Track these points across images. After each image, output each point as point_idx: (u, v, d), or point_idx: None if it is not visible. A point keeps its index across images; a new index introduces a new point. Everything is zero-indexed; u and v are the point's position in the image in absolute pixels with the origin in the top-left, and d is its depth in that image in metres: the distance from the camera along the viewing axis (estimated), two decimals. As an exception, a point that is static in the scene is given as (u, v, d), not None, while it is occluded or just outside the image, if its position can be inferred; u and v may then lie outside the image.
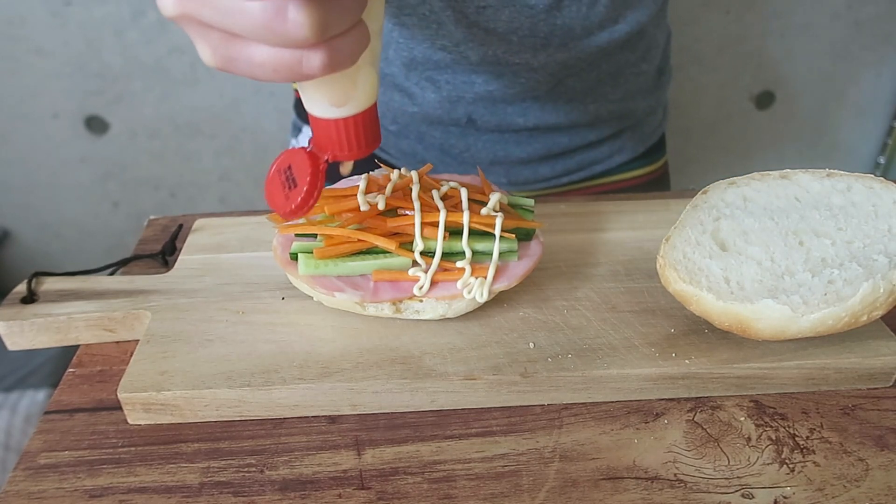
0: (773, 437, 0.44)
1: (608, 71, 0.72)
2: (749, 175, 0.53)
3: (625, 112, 0.77)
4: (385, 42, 0.67)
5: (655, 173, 0.86)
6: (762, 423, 0.45)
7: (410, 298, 0.47)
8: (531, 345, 0.47)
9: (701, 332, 0.48)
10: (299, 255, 0.48)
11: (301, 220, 0.49)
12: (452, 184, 0.50)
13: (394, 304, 0.48)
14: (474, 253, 0.48)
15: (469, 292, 0.47)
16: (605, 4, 0.65)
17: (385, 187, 0.49)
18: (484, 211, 0.49)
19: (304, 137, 0.85)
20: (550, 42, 0.66)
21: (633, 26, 0.68)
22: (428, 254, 0.47)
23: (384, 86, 0.72)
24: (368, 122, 0.39)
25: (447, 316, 0.48)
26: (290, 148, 0.42)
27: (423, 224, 0.47)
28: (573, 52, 0.67)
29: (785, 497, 0.40)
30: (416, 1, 0.63)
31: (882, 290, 0.42)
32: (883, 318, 0.45)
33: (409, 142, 0.78)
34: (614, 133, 0.79)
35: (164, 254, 0.59)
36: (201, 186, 1.52)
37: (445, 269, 0.48)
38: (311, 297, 0.50)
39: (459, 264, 0.47)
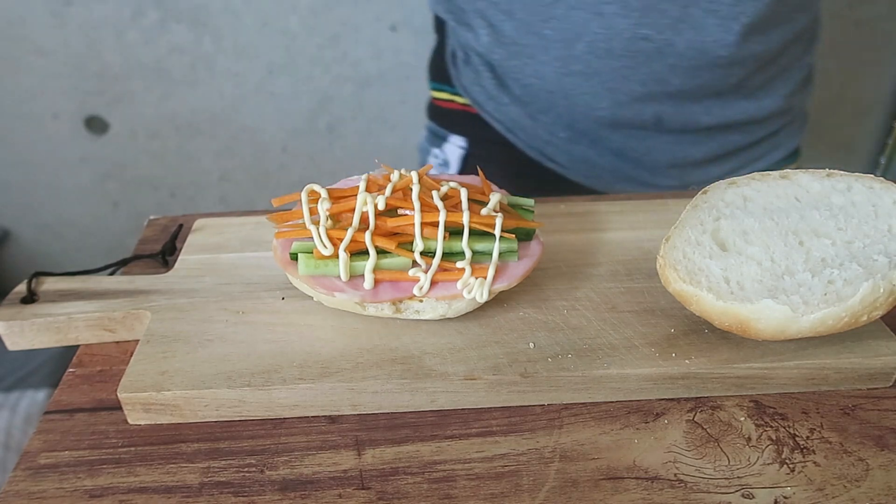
0: (774, 437, 0.44)
1: (783, 65, 0.72)
2: (749, 175, 0.53)
3: (788, 107, 0.77)
4: (579, 34, 0.64)
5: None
6: (762, 423, 0.45)
7: (410, 298, 0.47)
8: (531, 345, 0.47)
9: (701, 332, 0.48)
10: (299, 255, 0.48)
11: (300, 221, 0.49)
12: (452, 184, 0.50)
13: (394, 304, 0.48)
14: (474, 253, 0.48)
15: (469, 292, 0.47)
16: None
17: (385, 187, 0.49)
18: (484, 211, 0.49)
19: (451, 147, 0.82)
20: (753, 31, 0.64)
21: (811, 16, 0.68)
22: (428, 254, 0.47)
23: (563, 92, 0.69)
24: None
25: (447, 316, 0.48)
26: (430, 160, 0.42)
27: (423, 224, 0.47)
28: (765, 45, 0.66)
29: (785, 497, 0.40)
30: None
31: (882, 290, 0.42)
32: (883, 318, 0.45)
33: (581, 147, 0.76)
34: (776, 130, 0.79)
35: (164, 254, 0.59)
36: (201, 186, 1.52)
37: (445, 270, 0.48)
38: (311, 297, 0.50)
39: (459, 264, 0.47)
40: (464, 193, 0.48)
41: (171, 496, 0.41)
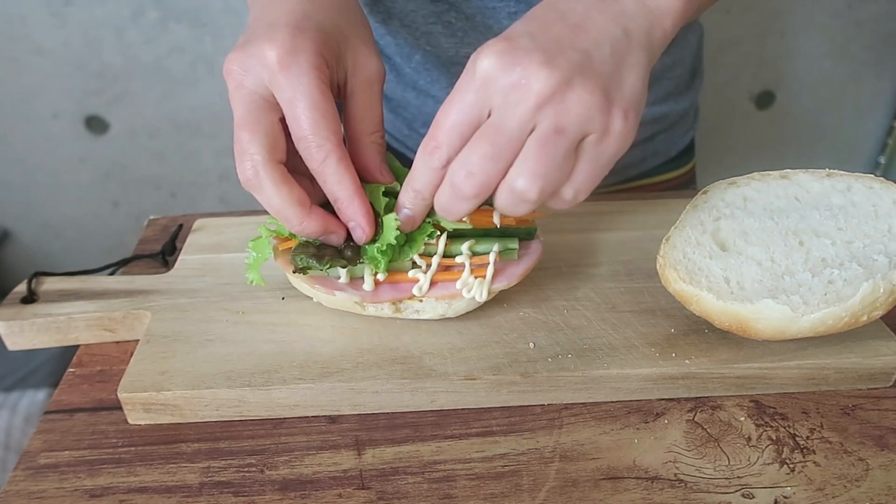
0: (774, 437, 0.44)
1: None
2: (749, 175, 0.53)
3: (658, 116, 0.77)
4: (413, 48, 0.67)
5: (686, 176, 0.87)
6: (762, 423, 0.45)
7: (410, 298, 0.47)
8: (531, 345, 0.47)
9: (701, 332, 0.48)
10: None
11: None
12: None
13: (393, 304, 0.48)
14: (474, 253, 0.48)
15: (468, 292, 0.47)
16: None
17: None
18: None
19: None
20: None
21: None
22: (427, 254, 0.47)
23: (416, 90, 0.72)
24: None
25: (447, 315, 0.48)
26: None
27: (423, 224, 0.47)
28: None
29: (785, 497, 0.40)
30: (441, 9, 0.63)
31: (882, 290, 0.42)
32: (883, 318, 0.45)
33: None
34: (648, 137, 0.79)
35: (164, 254, 0.59)
36: (201, 186, 1.52)
37: (445, 269, 0.48)
38: (311, 298, 0.50)
39: (459, 259, 0.47)
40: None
41: (171, 496, 0.41)
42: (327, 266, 0.45)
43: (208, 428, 0.45)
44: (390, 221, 0.45)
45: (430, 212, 0.45)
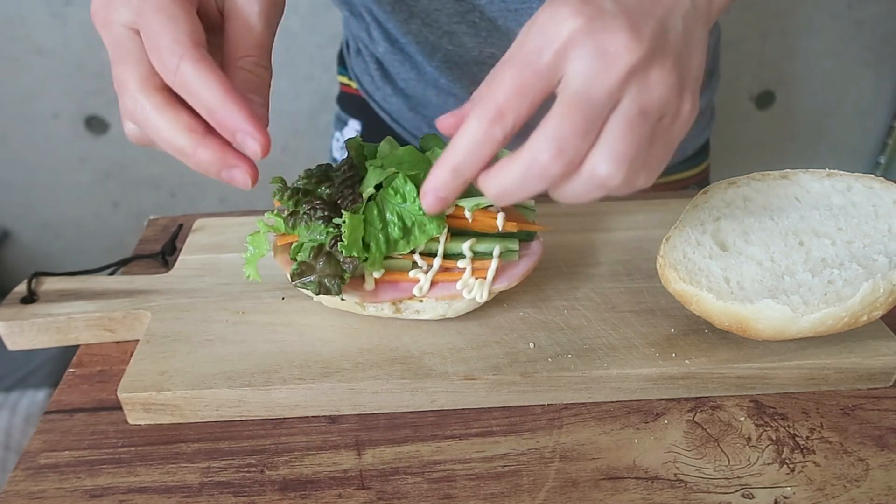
0: (773, 437, 0.44)
1: None
2: (749, 175, 0.53)
3: None
4: (435, 47, 0.67)
5: (700, 175, 0.86)
6: (762, 423, 0.45)
7: (410, 298, 0.47)
8: (531, 345, 0.47)
9: (701, 332, 0.48)
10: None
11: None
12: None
13: (394, 304, 0.48)
14: (474, 253, 0.48)
15: (469, 293, 0.47)
16: None
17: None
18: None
19: (350, 131, 0.85)
20: None
21: None
22: (428, 254, 0.47)
23: (437, 89, 0.72)
24: None
25: (447, 316, 0.48)
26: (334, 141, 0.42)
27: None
28: None
29: (785, 497, 0.40)
30: (465, 9, 0.62)
31: (882, 290, 0.42)
32: (883, 318, 0.45)
33: None
34: None
35: (164, 254, 0.59)
36: (201, 186, 1.52)
37: (445, 270, 0.48)
38: (311, 297, 0.50)
39: (460, 264, 0.47)
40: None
41: (171, 496, 0.41)
42: (320, 287, 0.45)
43: (208, 428, 0.45)
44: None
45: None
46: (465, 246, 0.47)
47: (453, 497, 0.40)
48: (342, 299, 0.47)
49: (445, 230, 0.46)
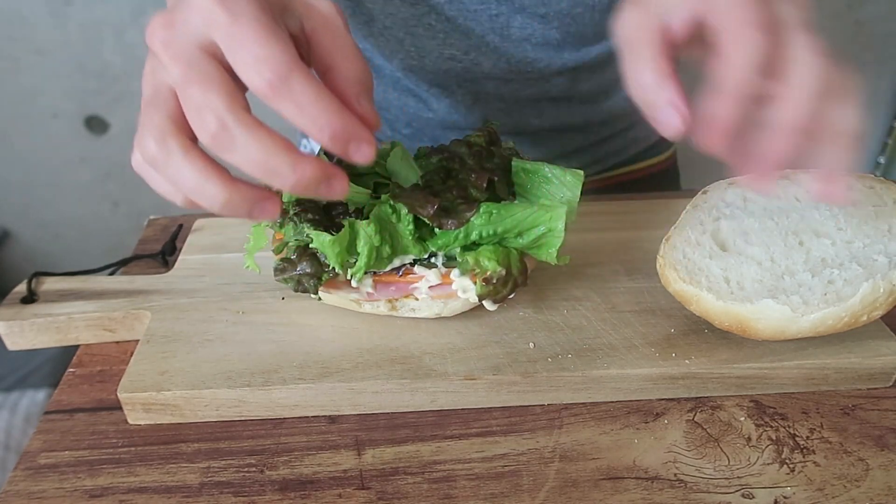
0: (773, 437, 0.44)
1: (621, 70, 0.72)
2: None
3: (637, 106, 0.77)
4: (395, 50, 0.67)
5: (668, 162, 0.87)
6: (762, 423, 0.45)
7: (406, 297, 0.47)
8: (531, 345, 0.47)
9: (701, 332, 0.48)
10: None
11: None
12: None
13: (389, 301, 0.48)
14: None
15: (464, 292, 0.47)
16: (616, 9, 0.65)
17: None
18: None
19: (312, 145, 0.85)
20: (563, 48, 0.66)
21: None
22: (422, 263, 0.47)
23: (398, 91, 0.73)
24: None
25: (443, 315, 0.48)
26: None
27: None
28: (586, 57, 0.67)
29: (785, 497, 0.40)
30: (421, 12, 0.63)
31: (882, 290, 0.42)
32: (883, 318, 0.45)
33: (423, 144, 0.78)
34: (626, 126, 0.79)
35: (164, 254, 0.59)
36: (201, 186, 1.52)
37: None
38: (311, 298, 0.50)
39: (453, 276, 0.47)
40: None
41: (171, 496, 0.41)
42: (298, 285, 0.45)
43: (208, 428, 0.45)
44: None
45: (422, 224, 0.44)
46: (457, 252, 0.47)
47: (453, 497, 0.40)
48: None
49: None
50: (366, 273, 0.45)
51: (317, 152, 0.47)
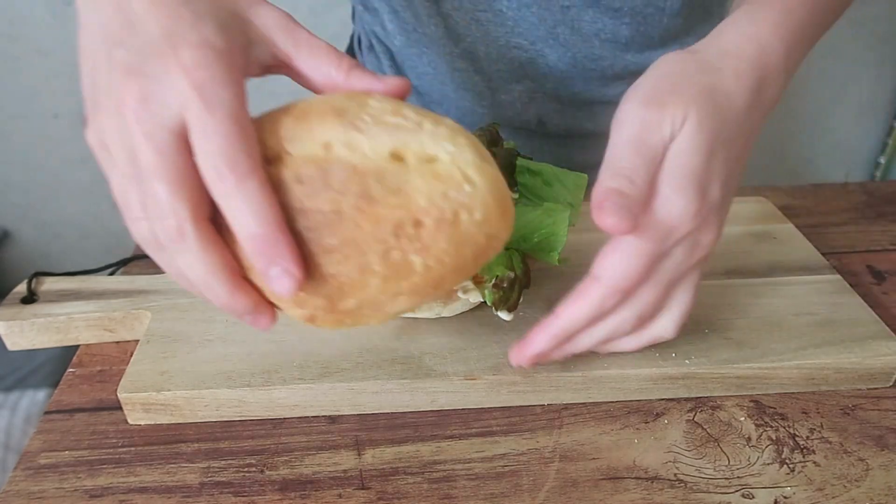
0: (773, 437, 0.44)
1: None
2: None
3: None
4: (461, 35, 0.66)
5: None
6: (762, 423, 0.45)
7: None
8: (531, 345, 0.47)
9: (701, 332, 0.48)
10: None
11: None
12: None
13: (393, 303, 0.48)
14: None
15: (465, 294, 0.47)
16: (685, 16, 0.65)
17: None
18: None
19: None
20: (629, 48, 0.66)
21: (700, 38, 0.70)
22: None
23: (454, 84, 0.71)
24: None
25: (443, 315, 0.48)
26: None
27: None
28: (647, 61, 0.67)
29: (785, 497, 0.40)
30: None
31: None
32: (883, 318, 0.45)
33: None
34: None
35: (164, 254, 0.59)
36: (201, 186, 1.52)
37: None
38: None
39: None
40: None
41: (171, 496, 0.41)
42: None
43: (208, 428, 0.45)
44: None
45: None
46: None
47: (453, 497, 0.40)
48: None
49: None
50: None
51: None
